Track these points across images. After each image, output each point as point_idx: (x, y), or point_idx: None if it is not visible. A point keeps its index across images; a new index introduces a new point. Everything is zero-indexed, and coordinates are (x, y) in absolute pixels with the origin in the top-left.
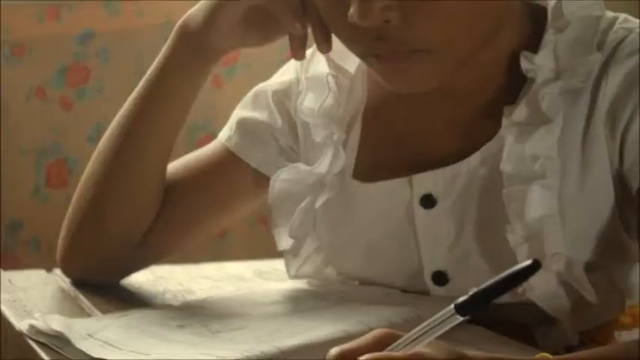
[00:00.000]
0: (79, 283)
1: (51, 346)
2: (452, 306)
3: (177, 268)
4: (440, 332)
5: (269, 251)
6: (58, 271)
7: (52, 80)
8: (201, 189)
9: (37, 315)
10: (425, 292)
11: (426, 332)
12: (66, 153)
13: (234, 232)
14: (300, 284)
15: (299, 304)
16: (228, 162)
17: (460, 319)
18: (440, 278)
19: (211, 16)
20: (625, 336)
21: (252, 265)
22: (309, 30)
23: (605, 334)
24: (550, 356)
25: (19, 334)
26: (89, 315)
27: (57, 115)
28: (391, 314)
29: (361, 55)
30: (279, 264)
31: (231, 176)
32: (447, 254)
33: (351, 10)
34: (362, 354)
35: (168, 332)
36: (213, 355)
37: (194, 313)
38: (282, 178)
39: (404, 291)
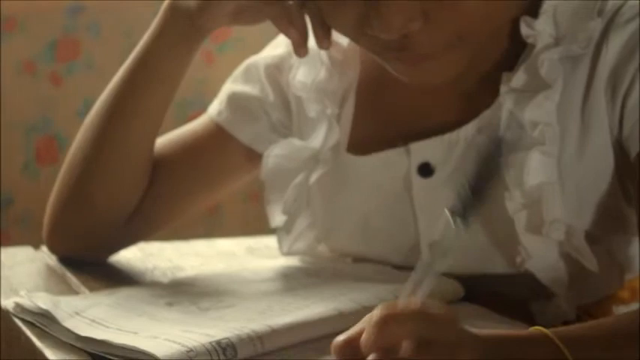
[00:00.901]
0: (67, 261)
1: (37, 324)
2: (446, 212)
3: (166, 245)
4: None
5: (262, 228)
6: (45, 248)
7: (42, 55)
8: (190, 164)
9: (22, 293)
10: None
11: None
12: (56, 129)
13: (226, 209)
14: (292, 261)
15: (290, 281)
16: (218, 137)
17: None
18: None
19: (204, 2)
20: (623, 311)
21: (244, 242)
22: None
23: (604, 308)
24: (545, 330)
25: (5, 312)
26: (76, 292)
27: (47, 90)
28: (383, 291)
29: (376, 54)
30: (270, 241)
31: (221, 152)
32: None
33: (374, 23)
34: None
35: (157, 310)
36: (200, 332)
37: (183, 291)
38: (276, 154)
39: (398, 268)
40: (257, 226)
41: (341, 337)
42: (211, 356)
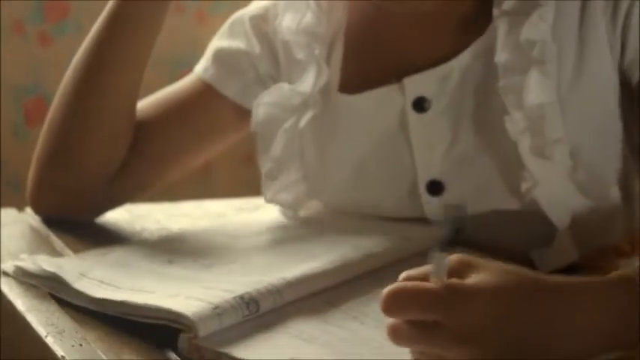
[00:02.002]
0: (51, 222)
1: (43, 288)
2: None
3: (155, 207)
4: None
5: (253, 192)
6: (29, 210)
7: (31, 15)
8: (177, 123)
9: (23, 256)
10: (417, 210)
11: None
12: (45, 90)
13: (218, 172)
14: (278, 215)
15: (284, 234)
16: (204, 95)
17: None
18: (435, 188)
19: None
20: (624, 263)
21: (233, 203)
22: None
23: (606, 258)
24: (627, 273)
25: None
26: (61, 255)
27: (35, 51)
28: (382, 239)
29: None
30: (260, 201)
31: (209, 109)
32: (442, 159)
33: None
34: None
35: (161, 268)
36: (220, 288)
37: (178, 248)
38: (266, 102)
39: (392, 219)
40: (249, 189)
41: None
42: (236, 312)
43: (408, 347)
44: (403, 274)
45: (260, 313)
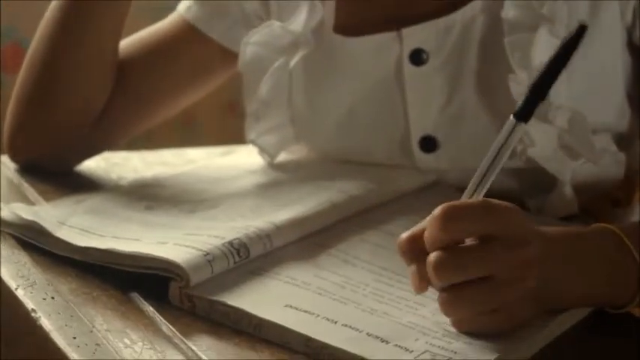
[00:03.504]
0: (26, 171)
1: (23, 237)
2: (511, 118)
3: (132, 155)
4: (509, 152)
5: (238, 141)
6: (4, 158)
7: None
8: (159, 64)
9: None
10: (408, 165)
11: (495, 158)
12: (21, 35)
13: (201, 121)
14: (255, 159)
15: (264, 177)
16: (187, 35)
17: (524, 125)
18: (428, 144)
19: None
20: (619, 212)
21: (215, 151)
22: None
23: (599, 207)
24: (609, 225)
25: None
26: (34, 205)
27: None
28: (367, 182)
29: None
30: (243, 149)
31: (192, 50)
32: (437, 116)
33: None
34: None
35: (141, 215)
36: (208, 234)
37: (155, 193)
38: (254, 41)
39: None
40: (233, 138)
41: (405, 234)
42: (227, 259)
43: (451, 281)
44: (405, 234)
45: (250, 259)
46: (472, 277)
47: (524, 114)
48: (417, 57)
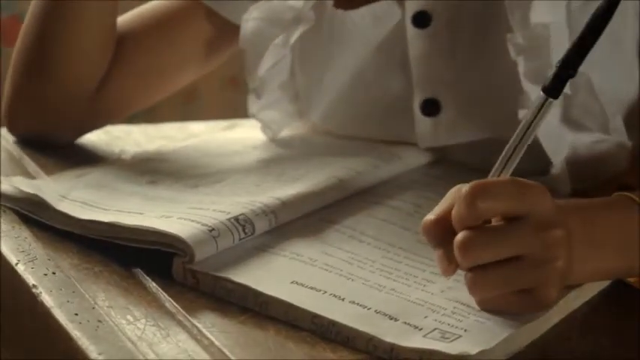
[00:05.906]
0: (26, 144)
1: (23, 211)
2: (541, 93)
3: (134, 128)
4: (537, 128)
5: (241, 115)
6: (3, 131)
7: None
8: (160, 38)
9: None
10: (408, 131)
11: (524, 134)
12: (21, 7)
13: (203, 95)
14: (256, 134)
15: (267, 153)
16: (192, 9)
17: (553, 101)
18: (430, 108)
19: None
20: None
21: (217, 125)
22: None
23: (605, 193)
24: (631, 194)
25: None
26: (35, 178)
27: None
28: (371, 158)
29: None
30: (246, 123)
31: (196, 24)
32: (440, 78)
33: None
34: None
35: (144, 189)
36: (213, 209)
37: (158, 168)
38: (255, 17)
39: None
40: (235, 113)
41: (430, 216)
42: (232, 234)
43: (479, 262)
44: (431, 215)
45: (255, 235)
46: (501, 258)
47: (555, 89)
48: (420, 19)
